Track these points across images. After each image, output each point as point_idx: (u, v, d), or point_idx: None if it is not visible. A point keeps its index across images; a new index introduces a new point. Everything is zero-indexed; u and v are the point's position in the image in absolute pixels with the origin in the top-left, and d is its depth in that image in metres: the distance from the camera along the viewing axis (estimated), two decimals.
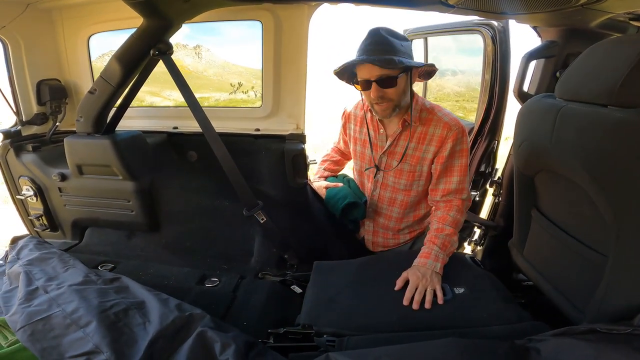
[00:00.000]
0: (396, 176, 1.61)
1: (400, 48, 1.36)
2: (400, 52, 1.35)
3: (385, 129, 1.59)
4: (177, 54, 1.67)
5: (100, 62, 2.07)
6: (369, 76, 1.38)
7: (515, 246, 1.50)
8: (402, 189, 1.63)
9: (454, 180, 1.51)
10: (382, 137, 1.60)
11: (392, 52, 1.34)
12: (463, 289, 1.31)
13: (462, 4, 1.33)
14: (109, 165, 1.75)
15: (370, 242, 1.83)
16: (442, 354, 0.91)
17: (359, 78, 1.42)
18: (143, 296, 1.18)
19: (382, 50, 1.34)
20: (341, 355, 0.92)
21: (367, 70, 1.37)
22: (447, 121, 1.48)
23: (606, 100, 0.95)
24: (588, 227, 1.10)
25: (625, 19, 1.42)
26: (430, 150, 1.51)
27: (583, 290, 1.11)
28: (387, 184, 1.66)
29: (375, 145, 1.63)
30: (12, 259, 1.48)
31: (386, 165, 1.63)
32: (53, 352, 0.97)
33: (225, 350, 0.96)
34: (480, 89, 1.98)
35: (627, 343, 0.84)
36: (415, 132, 1.52)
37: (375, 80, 1.37)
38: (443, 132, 1.47)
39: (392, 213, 1.71)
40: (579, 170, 1.02)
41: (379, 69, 1.34)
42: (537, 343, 0.94)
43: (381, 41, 1.35)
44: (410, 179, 1.59)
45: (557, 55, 1.56)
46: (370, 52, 1.35)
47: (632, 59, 0.90)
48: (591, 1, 1.14)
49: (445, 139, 1.48)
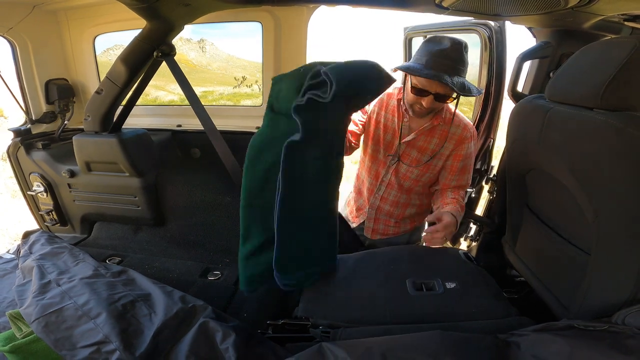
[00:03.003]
0: (411, 164, 1.65)
1: (466, 68, 1.39)
2: (465, 73, 1.38)
3: (409, 121, 1.61)
4: (182, 48, 1.72)
5: (104, 57, 2.12)
6: (429, 88, 1.39)
7: (508, 243, 1.54)
8: (414, 178, 1.68)
9: (467, 178, 1.64)
10: (406, 127, 1.62)
11: (462, 72, 1.37)
12: (454, 284, 1.35)
13: (455, 6, 1.35)
14: (116, 162, 1.81)
15: (370, 229, 1.85)
16: (428, 345, 0.95)
17: (418, 84, 1.42)
18: (149, 289, 1.24)
19: (456, 68, 1.35)
20: (334, 344, 0.97)
21: (431, 83, 1.37)
22: (466, 124, 1.58)
23: (592, 104, 0.97)
24: (572, 225, 1.13)
25: (619, 19, 1.42)
26: (448, 147, 1.59)
27: (568, 287, 1.14)
28: (400, 170, 1.69)
29: (396, 133, 1.64)
30: (25, 253, 1.55)
31: (403, 154, 1.66)
32: (66, 342, 1.03)
33: (225, 339, 1.02)
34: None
35: (602, 340, 0.87)
36: (438, 129, 1.58)
37: (434, 93, 1.39)
38: (463, 133, 1.56)
39: (400, 199, 1.75)
40: (563, 170, 1.05)
41: (444, 87, 1.35)
42: (519, 338, 0.97)
43: (458, 58, 1.35)
44: (425, 170, 1.65)
45: (551, 56, 1.59)
46: (444, 67, 1.33)
47: (618, 62, 0.91)
48: (581, 4, 1.15)
49: (464, 140, 1.57)
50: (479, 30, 1.89)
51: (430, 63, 1.34)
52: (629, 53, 0.89)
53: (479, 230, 2.04)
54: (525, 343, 0.94)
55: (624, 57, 0.90)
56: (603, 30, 1.48)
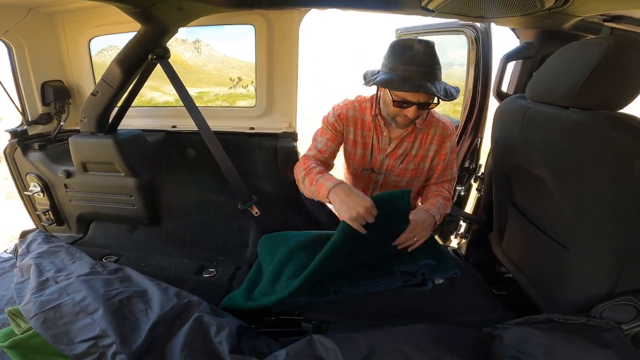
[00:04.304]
0: (399, 175, 1.64)
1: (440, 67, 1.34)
2: (440, 73, 1.34)
3: (389, 132, 1.57)
4: (177, 48, 1.74)
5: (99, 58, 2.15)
6: (412, 98, 1.32)
7: (495, 239, 1.58)
8: (404, 186, 1.67)
9: (451, 172, 1.65)
10: (385, 139, 1.58)
11: (440, 75, 1.33)
12: (443, 280, 1.40)
13: (441, 8, 1.38)
14: (111, 162, 1.84)
15: None
16: (413, 337, 0.98)
17: (400, 97, 1.34)
18: (145, 285, 1.27)
19: (433, 73, 1.30)
20: (324, 337, 1.00)
21: (413, 94, 1.31)
22: (444, 122, 1.57)
23: (567, 103, 1.01)
24: (553, 220, 1.17)
25: (599, 20, 1.44)
26: (432, 149, 1.58)
27: (550, 282, 1.18)
28: (389, 183, 1.67)
29: (376, 148, 1.59)
30: (22, 252, 1.57)
31: (388, 167, 1.62)
32: (64, 337, 1.05)
33: (219, 332, 1.05)
34: (464, 88, 2.05)
35: (579, 333, 0.91)
36: (417, 132, 1.56)
37: (417, 103, 1.33)
38: (444, 132, 1.56)
39: None
40: (542, 168, 1.09)
41: (427, 95, 1.31)
42: (502, 331, 1.01)
43: (432, 62, 1.30)
44: (413, 175, 1.64)
45: (533, 57, 1.63)
46: (421, 75, 1.28)
47: (592, 63, 0.94)
48: (557, 5, 1.17)
49: (445, 138, 1.57)
50: (466, 32, 1.93)
51: (407, 72, 1.28)
52: (602, 53, 0.93)
53: (469, 228, 2.08)
54: (507, 336, 0.98)
55: (597, 57, 0.93)
56: (583, 30, 1.51)
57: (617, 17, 1.40)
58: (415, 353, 0.92)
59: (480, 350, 0.97)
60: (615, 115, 0.93)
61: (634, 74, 0.94)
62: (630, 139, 0.87)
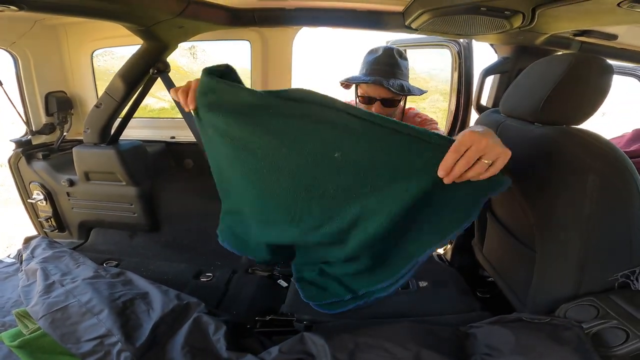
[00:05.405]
0: None
1: (404, 71, 1.46)
2: (404, 75, 1.45)
3: None
4: (173, 54, 1.81)
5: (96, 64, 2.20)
6: (374, 94, 1.44)
7: (477, 245, 1.65)
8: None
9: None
10: None
11: (400, 75, 1.43)
12: (426, 283, 1.48)
13: (422, 27, 1.45)
14: (113, 172, 1.92)
15: None
16: (396, 335, 1.06)
17: (364, 93, 1.46)
18: (146, 288, 1.34)
19: (392, 72, 1.41)
20: (314, 334, 1.07)
21: (374, 90, 1.43)
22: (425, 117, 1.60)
23: (533, 118, 1.07)
24: (521, 226, 1.22)
25: (569, 34, 1.51)
26: None
27: (522, 284, 1.23)
28: None
29: None
30: (27, 257, 1.63)
31: None
32: (71, 336, 1.12)
33: (217, 331, 1.12)
34: (448, 100, 2.14)
35: (543, 331, 0.97)
36: None
37: (379, 99, 1.44)
38: (422, 123, 1.58)
39: None
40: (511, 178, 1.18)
41: (387, 91, 1.40)
42: (476, 329, 1.07)
43: (392, 62, 1.42)
44: None
45: (509, 71, 1.70)
46: (380, 72, 1.41)
47: (555, 79, 0.98)
48: (525, 25, 1.23)
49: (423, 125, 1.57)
50: (449, 46, 2.01)
51: (368, 71, 1.44)
52: (565, 69, 0.97)
53: None
54: (480, 334, 1.05)
55: (560, 74, 0.97)
56: (554, 45, 1.58)
57: (587, 31, 1.45)
58: (397, 349, 0.99)
59: (456, 346, 1.04)
60: (572, 130, 0.99)
61: (592, 90, 0.98)
62: (585, 153, 0.93)
